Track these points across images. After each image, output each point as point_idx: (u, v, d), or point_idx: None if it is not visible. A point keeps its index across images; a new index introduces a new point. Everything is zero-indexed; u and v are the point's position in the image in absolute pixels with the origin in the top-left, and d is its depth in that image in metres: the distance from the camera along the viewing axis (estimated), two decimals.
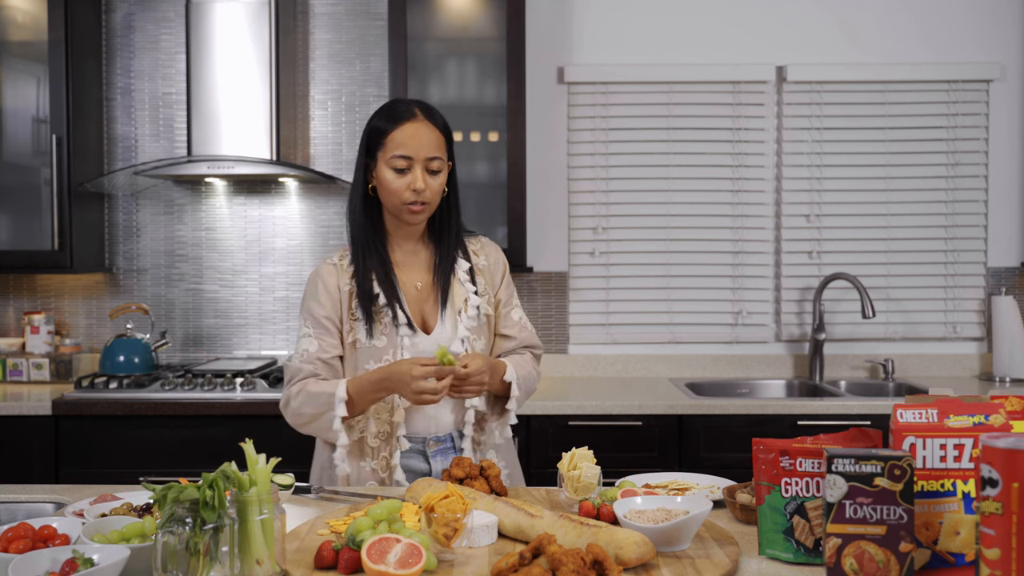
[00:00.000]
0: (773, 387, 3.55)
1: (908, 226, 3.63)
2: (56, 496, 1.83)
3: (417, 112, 1.96)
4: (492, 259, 2.12)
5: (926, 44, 3.62)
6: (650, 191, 3.63)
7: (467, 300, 2.02)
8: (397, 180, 1.94)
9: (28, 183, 3.38)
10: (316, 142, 3.61)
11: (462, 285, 2.03)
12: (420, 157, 1.93)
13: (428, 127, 1.95)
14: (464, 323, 2.00)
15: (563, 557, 1.27)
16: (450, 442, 2.02)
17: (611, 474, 1.96)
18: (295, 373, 1.97)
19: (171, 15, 3.59)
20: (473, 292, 2.03)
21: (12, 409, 2.99)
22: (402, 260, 2.05)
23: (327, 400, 1.90)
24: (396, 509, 1.47)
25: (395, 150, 1.93)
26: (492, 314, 2.07)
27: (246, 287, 3.63)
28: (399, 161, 1.93)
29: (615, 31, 3.62)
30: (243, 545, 1.30)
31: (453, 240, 2.05)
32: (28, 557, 1.30)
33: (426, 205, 1.96)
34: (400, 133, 1.94)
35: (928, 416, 1.33)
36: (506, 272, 2.13)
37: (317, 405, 1.91)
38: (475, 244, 2.12)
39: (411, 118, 1.95)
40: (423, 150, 1.94)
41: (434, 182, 1.96)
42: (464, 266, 2.05)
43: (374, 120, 1.99)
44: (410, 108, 1.97)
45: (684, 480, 1.84)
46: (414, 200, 1.94)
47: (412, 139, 1.93)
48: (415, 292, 2.03)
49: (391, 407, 1.97)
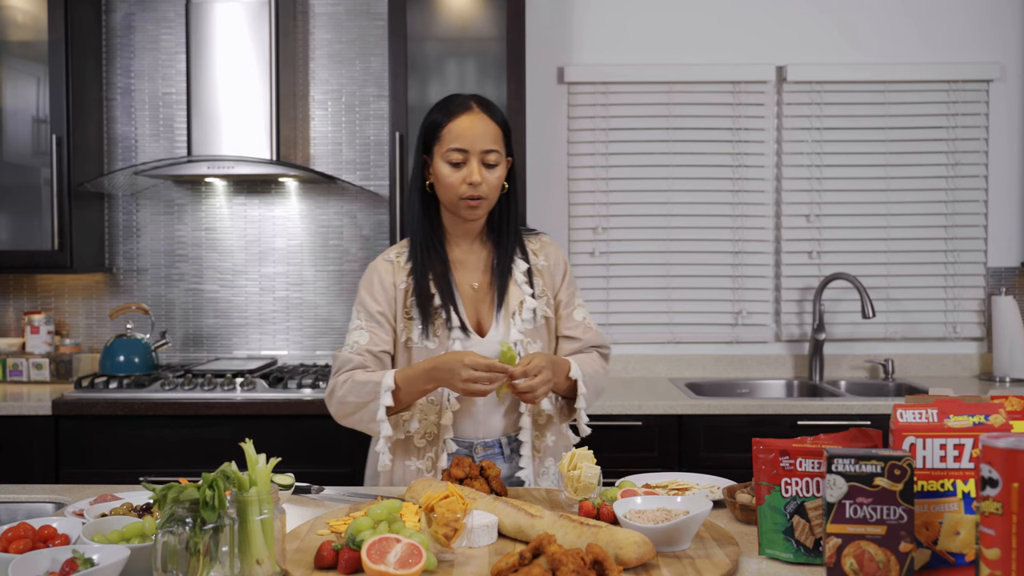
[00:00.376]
0: (773, 387, 3.55)
1: (908, 226, 3.63)
2: (56, 496, 1.83)
3: (473, 104, 1.92)
4: (552, 259, 2.05)
5: (926, 44, 3.62)
6: (650, 191, 3.63)
7: (523, 302, 1.97)
8: (453, 174, 1.89)
9: (28, 183, 3.38)
10: (316, 142, 3.61)
11: (519, 287, 1.98)
12: (476, 150, 1.89)
13: (484, 119, 1.91)
14: (517, 326, 1.95)
15: (563, 557, 1.27)
16: (498, 448, 1.98)
17: (611, 474, 1.96)
18: (343, 363, 1.92)
19: (171, 15, 3.59)
20: (530, 294, 1.98)
21: (12, 409, 2.99)
22: (460, 259, 2.00)
23: (373, 389, 1.84)
24: (396, 509, 1.47)
25: (451, 143, 1.89)
26: (551, 316, 2.02)
27: (246, 287, 3.63)
28: (455, 154, 1.89)
29: (615, 31, 3.62)
30: (243, 545, 1.30)
31: (512, 239, 2.00)
32: (28, 557, 1.30)
33: (483, 200, 1.91)
34: (456, 125, 1.89)
35: (928, 416, 1.33)
36: (567, 271, 2.07)
37: (363, 394, 1.86)
38: (534, 243, 2.06)
39: (467, 110, 1.91)
40: (479, 142, 1.89)
41: (491, 176, 1.91)
42: (522, 266, 1.99)
43: (430, 114, 1.95)
44: (466, 101, 1.93)
45: (684, 480, 1.84)
46: (471, 195, 1.90)
47: (468, 131, 1.89)
48: (471, 292, 1.98)
49: (439, 408, 1.94)
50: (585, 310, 2.07)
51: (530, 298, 1.97)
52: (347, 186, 3.56)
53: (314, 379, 3.09)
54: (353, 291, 3.61)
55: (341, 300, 3.62)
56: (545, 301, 2.00)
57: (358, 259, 3.62)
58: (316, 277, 3.62)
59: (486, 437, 1.97)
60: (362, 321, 1.95)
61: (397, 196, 3.24)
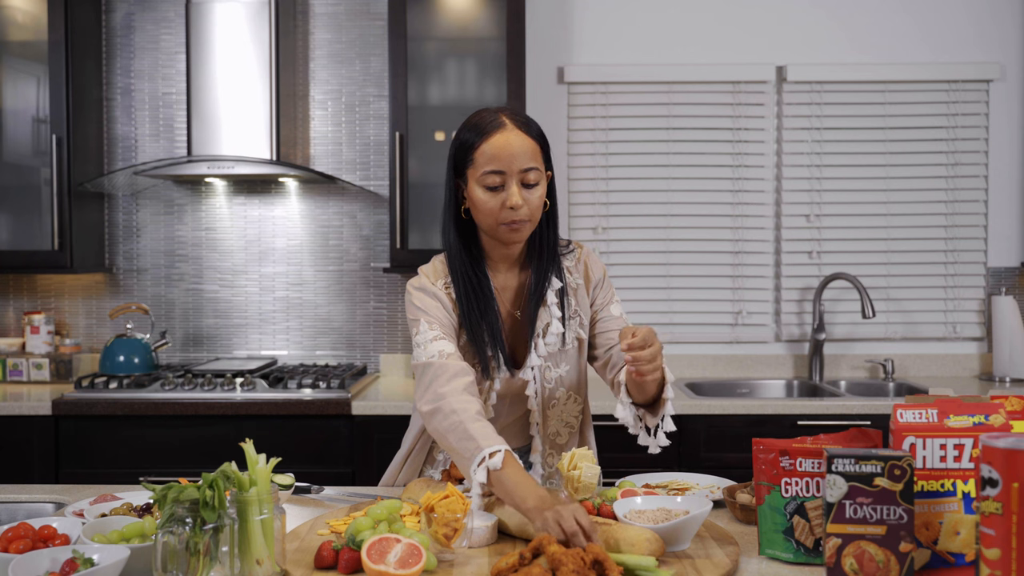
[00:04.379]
0: (773, 387, 3.55)
1: (908, 226, 3.63)
2: (56, 496, 1.83)
3: (506, 120, 1.74)
4: (589, 274, 1.92)
5: (926, 44, 3.62)
6: (650, 191, 3.63)
7: (548, 325, 1.84)
8: (492, 199, 1.73)
9: (28, 183, 3.38)
10: (316, 142, 3.61)
11: (548, 308, 1.85)
12: (514, 170, 1.71)
13: (520, 135, 1.73)
14: (539, 350, 1.84)
15: (563, 557, 1.27)
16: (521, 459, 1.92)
17: (611, 474, 1.96)
18: (441, 370, 1.69)
19: (171, 15, 3.59)
20: (558, 317, 1.85)
21: (12, 409, 2.99)
22: (501, 286, 1.86)
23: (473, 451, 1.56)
24: (396, 509, 1.47)
25: (486, 165, 1.72)
26: (585, 338, 1.90)
27: (246, 287, 3.63)
28: (492, 177, 1.72)
29: (615, 31, 3.62)
30: (243, 545, 1.30)
31: (550, 261, 1.85)
32: (28, 557, 1.30)
33: (527, 222, 1.75)
34: (490, 146, 1.72)
35: (928, 416, 1.33)
36: (604, 278, 1.94)
37: (462, 447, 1.59)
38: (569, 260, 1.91)
39: (499, 128, 1.73)
40: (516, 162, 1.71)
41: (532, 196, 1.74)
42: (556, 285, 1.86)
43: (460, 134, 1.78)
44: (497, 117, 1.75)
45: (684, 480, 1.84)
46: (512, 219, 1.73)
47: (503, 151, 1.71)
48: (512, 322, 1.87)
49: None
50: (621, 307, 1.95)
51: (557, 321, 1.85)
52: (347, 186, 3.56)
53: (314, 379, 3.09)
54: (353, 291, 3.61)
55: (341, 300, 3.62)
56: (578, 322, 1.89)
57: (358, 259, 3.62)
58: (316, 277, 3.62)
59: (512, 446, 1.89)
60: (438, 331, 1.76)
61: (397, 196, 3.24)
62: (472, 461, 1.55)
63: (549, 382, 1.87)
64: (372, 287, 3.63)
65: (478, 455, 1.54)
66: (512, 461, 1.54)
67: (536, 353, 1.84)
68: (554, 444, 1.94)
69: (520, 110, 1.81)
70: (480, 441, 1.56)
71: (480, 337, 1.80)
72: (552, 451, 1.93)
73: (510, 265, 1.86)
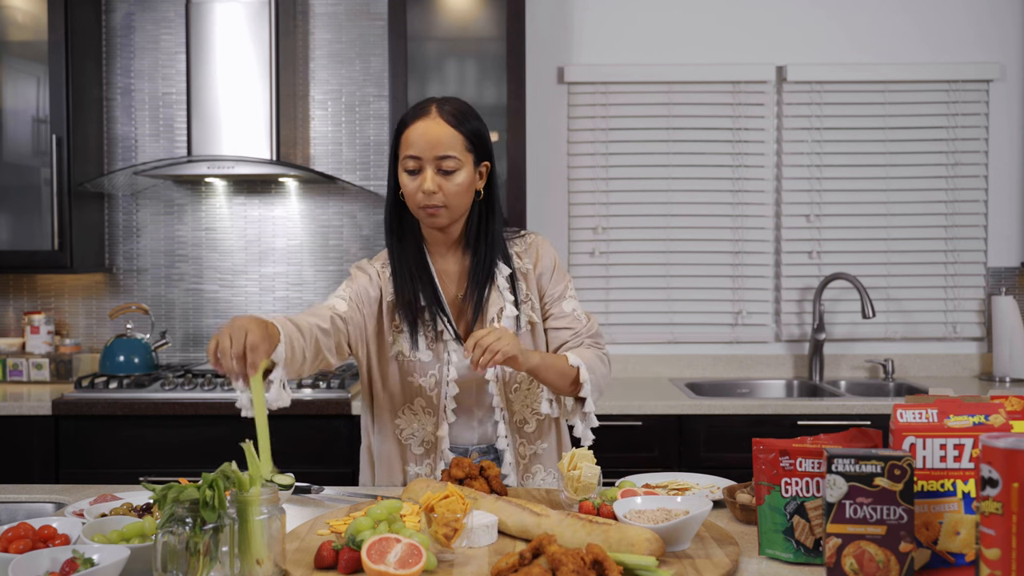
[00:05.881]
0: (773, 387, 3.55)
1: (908, 226, 3.63)
2: (56, 496, 1.83)
3: (433, 109, 1.84)
4: (536, 259, 1.98)
5: (926, 44, 3.62)
6: (650, 191, 3.63)
7: (502, 309, 1.90)
8: (410, 182, 1.83)
9: (28, 183, 3.38)
10: (316, 142, 3.61)
11: (500, 293, 1.91)
12: (429, 157, 1.81)
13: (439, 124, 1.82)
14: None
15: (563, 557, 1.27)
16: (493, 455, 1.96)
17: (611, 474, 1.96)
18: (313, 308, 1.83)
19: (171, 15, 3.59)
20: (511, 301, 1.91)
21: (12, 409, 2.99)
22: (443, 269, 1.94)
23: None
24: (396, 509, 1.47)
25: (406, 150, 1.83)
26: (538, 321, 1.95)
27: (246, 287, 3.63)
28: (409, 162, 1.82)
29: (615, 31, 3.62)
30: (243, 545, 1.30)
31: (489, 247, 1.91)
32: (28, 557, 1.30)
33: (443, 208, 1.83)
34: (411, 132, 1.83)
35: (928, 416, 1.33)
36: (556, 267, 1.99)
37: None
38: (519, 246, 1.98)
39: (423, 115, 1.83)
40: (433, 149, 1.81)
41: (448, 183, 1.82)
42: (505, 271, 1.93)
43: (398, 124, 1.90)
44: (426, 106, 1.85)
45: (684, 480, 1.84)
46: (426, 203, 1.82)
47: (421, 138, 1.81)
48: (457, 303, 1.93)
49: (436, 420, 1.92)
50: (576, 302, 2.00)
51: (511, 305, 1.91)
52: (347, 186, 3.56)
53: (314, 379, 3.09)
54: None
55: None
56: (530, 305, 1.94)
57: (358, 259, 3.61)
58: (316, 277, 3.62)
59: (481, 443, 1.97)
60: (344, 292, 1.88)
61: None
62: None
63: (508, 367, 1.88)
64: None
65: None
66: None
67: None
68: (522, 432, 1.97)
69: (457, 101, 1.87)
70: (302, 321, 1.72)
71: (414, 304, 1.88)
72: (523, 440, 1.96)
73: (449, 249, 1.94)
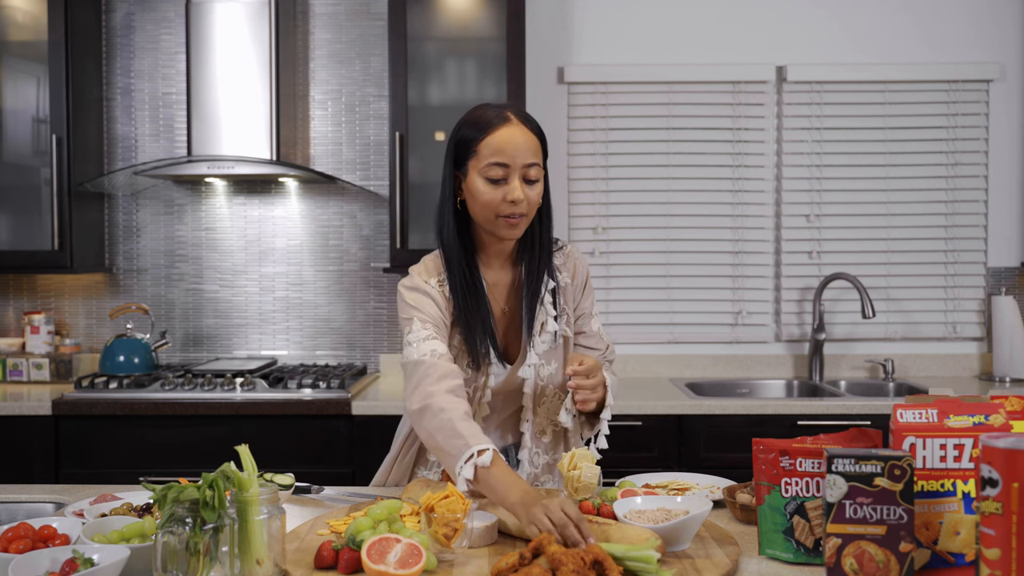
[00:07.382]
0: (773, 387, 3.55)
1: (908, 226, 3.63)
2: (56, 496, 1.83)
3: (511, 116, 1.77)
4: (575, 273, 1.95)
5: (926, 44, 3.62)
6: (650, 191, 3.63)
7: (544, 324, 1.87)
8: (493, 191, 1.74)
9: (28, 183, 3.38)
10: (316, 142, 3.61)
11: (544, 307, 1.88)
12: (517, 164, 1.74)
13: (524, 131, 1.76)
14: (536, 348, 1.86)
15: (563, 557, 1.27)
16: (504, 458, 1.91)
17: (611, 474, 1.96)
18: (431, 369, 1.71)
19: (171, 15, 3.59)
20: (552, 316, 1.87)
21: (12, 409, 2.99)
22: (492, 282, 1.88)
23: (461, 448, 1.58)
24: (396, 509, 1.47)
25: (490, 157, 1.74)
26: (571, 336, 1.94)
27: (246, 287, 3.63)
28: (495, 170, 1.73)
29: (615, 31, 3.62)
30: (243, 545, 1.30)
31: (543, 258, 1.87)
32: (28, 557, 1.30)
33: (524, 217, 1.77)
34: (495, 138, 1.74)
35: (928, 416, 1.33)
36: (588, 282, 1.98)
37: (450, 446, 1.61)
38: (559, 258, 1.94)
39: (505, 122, 1.76)
40: (520, 156, 1.74)
41: (532, 192, 1.76)
42: (549, 285, 1.88)
43: (463, 126, 1.80)
44: (502, 112, 1.78)
45: (684, 480, 1.85)
46: (511, 212, 1.75)
47: (509, 144, 1.73)
48: (502, 318, 1.89)
49: None
50: (600, 320, 2.01)
51: (552, 320, 1.87)
52: (347, 186, 3.56)
53: (314, 379, 3.09)
54: (353, 291, 3.61)
55: (341, 300, 3.62)
56: (565, 319, 1.91)
57: (358, 259, 3.62)
58: (316, 277, 3.62)
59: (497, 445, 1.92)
60: (430, 330, 1.78)
61: (397, 196, 3.24)
62: (459, 458, 1.56)
63: (542, 379, 1.90)
64: (372, 287, 3.63)
65: (466, 452, 1.56)
66: (500, 460, 1.57)
67: (534, 351, 1.86)
68: (539, 442, 1.96)
69: (522, 107, 1.83)
70: (468, 439, 1.58)
71: (473, 330, 1.81)
72: (538, 450, 1.95)
73: (503, 261, 1.88)
